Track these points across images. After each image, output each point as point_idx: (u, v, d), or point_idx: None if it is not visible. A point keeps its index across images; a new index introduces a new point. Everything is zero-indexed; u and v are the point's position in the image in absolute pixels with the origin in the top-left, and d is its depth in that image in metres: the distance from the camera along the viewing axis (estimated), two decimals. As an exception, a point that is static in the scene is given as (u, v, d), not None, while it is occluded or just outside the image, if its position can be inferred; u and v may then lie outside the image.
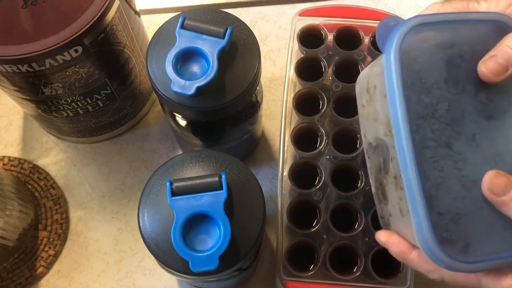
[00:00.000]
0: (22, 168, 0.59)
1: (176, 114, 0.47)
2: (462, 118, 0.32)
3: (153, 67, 0.42)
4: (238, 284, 0.52)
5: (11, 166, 0.59)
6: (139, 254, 0.55)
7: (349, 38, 0.55)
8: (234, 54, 0.42)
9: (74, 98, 0.49)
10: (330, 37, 0.55)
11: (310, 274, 0.47)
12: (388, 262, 0.47)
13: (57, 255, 0.55)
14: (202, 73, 0.40)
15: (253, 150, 0.59)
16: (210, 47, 0.40)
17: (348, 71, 0.54)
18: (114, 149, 0.60)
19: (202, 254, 0.34)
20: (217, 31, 0.40)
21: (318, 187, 0.49)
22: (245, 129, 0.50)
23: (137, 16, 0.53)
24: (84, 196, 0.58)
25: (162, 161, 0.48)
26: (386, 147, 0.34)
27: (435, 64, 0.32)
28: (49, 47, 0.42)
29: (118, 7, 0.46)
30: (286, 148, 0.53)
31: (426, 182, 0.31)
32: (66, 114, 0.52)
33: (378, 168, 0.36)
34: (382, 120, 0.34)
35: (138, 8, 0.53)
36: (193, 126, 0.48)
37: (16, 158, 0.59)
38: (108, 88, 0.51)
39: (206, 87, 0.39)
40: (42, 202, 0.57)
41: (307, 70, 0.54)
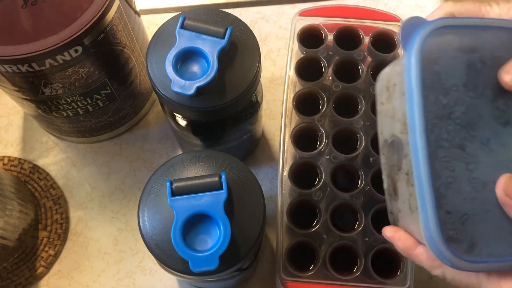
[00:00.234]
0: (22, 168, 0.59)
1: (176, 114, 0.47)
2: (478, 122, 0.33)
3: (153, 67, 0.42)
4: (238, 284, 0.52)
5: (11, 166, 0.59)
6: (139, 254, 0.55)
7: (349, 38, 0.55)
8: (234, 54, 0.42)
9: (74, 98, 0.49)
10: (330, 37, 0.55)
11: (310, 274, 0.47)
12: (388, 262, 0.48)
13: (57, 255, 0.55)
14: (202, 73, 0.40)
15: (253, 150, 0.59)
16: (210, 47, 0.40)
17: (348, 71, 0.54)
18: (114, 149, 0.60)
19: (202, 254, 0.34)
20: (217, 31, 0.40)
21: (318, 187, 0.49)
22: (245, 129, 0.50)
23: (137, 16, 0.53)
24: (84, 196, 0.58)
25: (162, 161, 0.48)
26: (401, 144, 0.34)
27: (456, 67, 0.33)
28: (49, 47, 0.42)
29: (118, 7, 0.46)
30: (286, 148, 0.53)
31: (437, 181, 0.31)
32: (66, 114, 0.52)
33: (391, 164, 0.36)
34: (399, 117, 0.34)
35: (138, 8, 0.53)
36: (193, 126, 0.48)
37: (16, 158, 0.59)
38: (108, 88, 0.51)
39: (206, 87, 0.39)
40: (42, 202, 0.57)
41: (307, 70, 0.54)
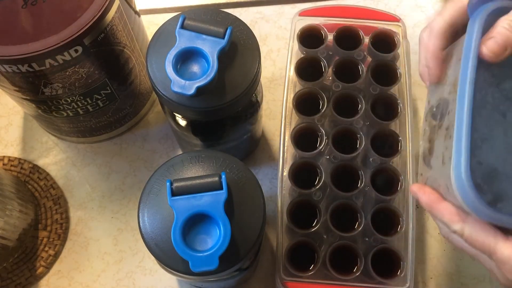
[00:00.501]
0: (22, 168, 0.59)
1: (176, 114, 0.47)
2: None
3: (153, 67, 0.42)
4: (238, 284, 0.52)
5: (11, 166, 0.59)
6: (139, 254, 0.55)
7: (349, 38, 0.55)
8: (234, 54, 0.42)
9: (74, 98, 0.49)
10: (330, 37, 0.55)
11: (310, 274, 0.47)
12: (388, 262, 0.48)
13: (57, 255, 0.55)
14: (202, 73, 0.40)
15: (253, 150, 0.59)
16: (210, 47, 0.40)
17: (348, 71, 0.54)
18: (114, 149, 0.60)
19: (202, 254, 0.34)
20: (217, 31, 0.40)
21: (318, 187, 0.49)
22: (245, 129, 0.50)
23: (137, 16, 0.53)
24: (84, 196, 0.58)
25: (162, 161, 0.48)
26: (446, 104, 0.36)
27: None
28: (49, 47, 0.42)
29: (118, 7, 0.46)
30: (286, 148, 0.53)
31: (475, 132, 0.33)
32: (66, 114, 0.52)
33: (432, 126, 0.38)
34: (450, 81, 0.36)
35: (138, 8, 0.53)
36: (193, 126, 0.48)
37: (16, 158, 0.59)
38: (108, 88, 0.51)
39: (206, 87, 0.39)
40: (42, 202, 0.57)
41: (307, 70, 0.54)
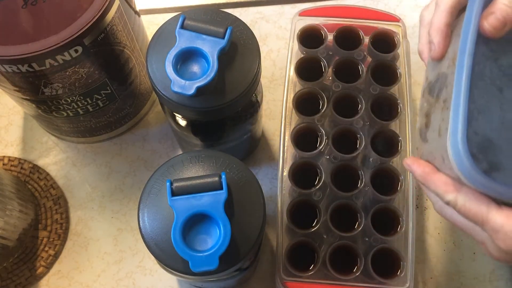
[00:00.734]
0: (22, 168, 0.59)
1: (176, 114, 0.47)
2: None
3: (153, 67, 0.42)
4: (238, 284, 0.52)
5: (11, 166, 0.59)
6: (139, 254, 0.55)
7: (349, 38, 0.55)
8: (234, 54, 0.42)
9: (74, 98, 0.49)
10: (330, 37, 0.55)
11: (310, 274, 0.47)
12: (388, 262, 0.48)
13: (57, 255, 0.55)
14: (202, 73, 0.40)
15: (253, 150, 0.59)
16: (210, 47, 0.40)
17: (348, 71, 0.54)
18: (114, 149, 0.60)
19: (202, 254, 0.34)
20: (217, 31, 0.40)
21: (318, 187, 0.49)
22: (245, 129, 0.50)
23: (137, 16, 0.53)
24: (84, 196, 0.58)
25: (162, 161, 0.48)
26: (445, 77, 0.36)
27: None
28: (49, 47, 0.42)
29: (118, 7, 0.46)
30: (286, 148, 0.53)
31: (472, 104, 0.33)
32: (66, 114, 0.52)
33: (429, 101, 0.39)
34: (449, 56, 0.36)
35: (138, 8, 0.53)
36: (193, 126, 0.48)
37: (16, 158, 0.59)
38: (108, 88, 0.51)
39: (206, 87, 0.39)
40: (42, 202, 0.57)
41: (307, 70, 0.54)
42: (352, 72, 0.54)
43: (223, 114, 0.44)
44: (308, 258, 0.48)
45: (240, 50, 0.43)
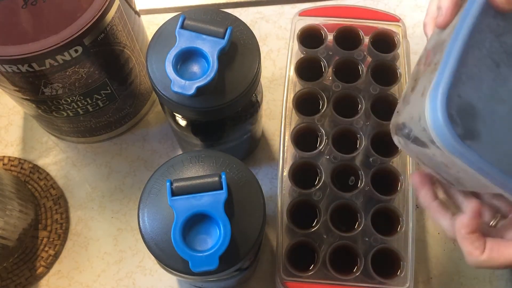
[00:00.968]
0: (22, 168, 0.59)
1: (176, 114, 0.47)
2: None
3: (153, 67, 0.42)
4: (238, 284, 0.52)
5: (11, 166, 0.59)
6: (139, 254, 0.55)
7: (349, 38, 0.55)
8: (234, 54, 0.42)
9: (74, 98, 0.49)
10: (330, 37, 0.55)
11: (310, 274, 0.47)
12: (388, 262, 0.48)
13: (57, 255, 0.55)
14: (202, 73, 0.40)
15: (253, 150, 0.59)
16: (210, 47, 0.40)
17: (348, 71, 0.54)
18: (114, 149, 0.60)
19: (202, 254, 0.34)
20: (217, 31, 0.40)
21: (318, 187, 0.49)
22: (245, 129, 0.50)
23: (137, 16, 0.53)
24: (84, 196, 0.58)
25: (162, 161, 0.48)
26: (442, 42, 0.35)
27: None
28: (49, 47, 0.42)
29: (118, 7, 0.46)
30: (286, 148, 0.53)
31: (463, 66, 0.32)
32: (66, 114, 0.52)
33: (421, 68, 0.37)
34: (451, 25, 0.35)
35: (138, 8, 0.53)
36: (193, 126, 0.48)
37: (16, 158, 0.59)
38: (108, 88, 0.51)
39: (206, 87, 0.39)
40: (42, 202, 0.57)
41: (307, 70, 0.54)
42: (352, 72, 0.54)
43: (223, 114, 0.44)
44: (308, 258, 0.48)
45: (240, 50, 0.43)
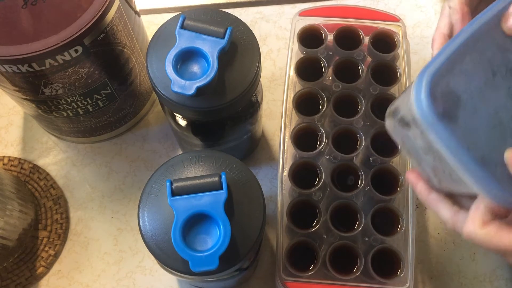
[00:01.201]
0: (22, 168, 0.59)
1: (176, 114, 0.47)
2: None
3: (153, 67, 0.42)
4: (238, 284, 0.52)
5: (11, 166, 0.59)
6: (139, 254, 0.55)
7: (349, 38, 0.55)
8: (234, 54, 0.42)
9: (74, 98, 0.49)
10: (330, 37, 0.55)
11: (310, 274, 0.47)
12: (388, 262, 0.48)
13: (57, 255, 0.55)
14: (202, 73, 0.40)
15: (253, 150, 0.59)
16: (210, 47, 0.40)
17: (348, 71, 0.54)
18: (114, 149, 0.60)
19: (202, 254, 0.34)
20: (217, 31, 0.40)
21: (318, 187, 0.49)
22: (245, 129, 0.50)
23: (137, 16, 0.53)
24: (84, 196, 0.58)
25: (162, 161, 0.48)
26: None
27: None
28: (49, 47, 0.42)
29: (118, 7, 0.46)
30: (286, 148, 0.53)
31: (458, 61, 0.32)
32: (66, 114, 0.52)
33: None
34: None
35: (138, 8, 0.53)
36: (193, 126, 0.48)
37: (16, 158, 0.59)
38: (108, 88, 0.51)
39: (206, 87, 0.39)
40: (42, 202, 0.57)
41: (307, 70, 0.54)
42: (352, 72, 0.54)
43: (223, 114, 0.44)
44: (308, 258, 0.48)
45: (240, 50, 0.43)
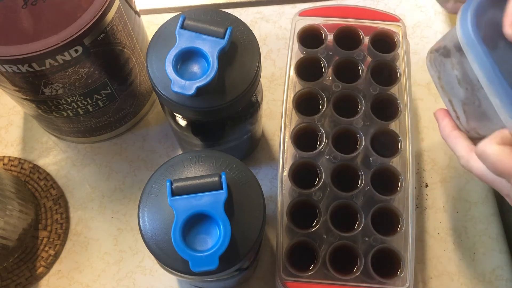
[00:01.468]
0: (22, 168, 0.59)
1: (176, 114, 0.47)
2: None
3: (153, 67, 0.42)
4: (238, 284, 0.52)
5: (11, 166, 0.59)
6: (139, 254, 0.55)
7: (349, 38, 0.55)
8: (234, 54, 0.42)
9: (74, 98, 0.49)
10: (330, 37, 0.55)
11: (310, 274, 0.47)
12: (388, 262, 0.48)
13: (57, 255, 0.55)
14: (202, 73, 0.40)
15: (253, 150, 0.59)
16: (210, 47, 0.40)
17: (348, 71, 0.54)
18: (114, 149, 0.60)
19: (202, 254, 0.34)
20: (217, 31, 0.40)
21: (318, 187, 0.49)
22: (245, 129, 0.50)
23: (137, 16, 0.53)
24: (84, 196, 0.58)
25: (162, 161, 0.48)
26: None
27: None
28: (49, 47, 0.42)
29: (118, 7, 0.46)
30: (286, 148, 0.53)
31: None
32: (66, 114, 0.52)
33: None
34: None
35: (138, 8, 0.53)
36: (193, 126, 0.48)
37: (16, 158, 0.59)
38: (108, 88, 0.51)
39: (206, 87, 0.39)
40: (42, 202, 0.57)
41: (307, 70, 0.54)
42: (352, 72, 0.54)
43: (223, 114, 0.44)
44: (308, 258, 0.48)
45: (240, 50, 0.43)
